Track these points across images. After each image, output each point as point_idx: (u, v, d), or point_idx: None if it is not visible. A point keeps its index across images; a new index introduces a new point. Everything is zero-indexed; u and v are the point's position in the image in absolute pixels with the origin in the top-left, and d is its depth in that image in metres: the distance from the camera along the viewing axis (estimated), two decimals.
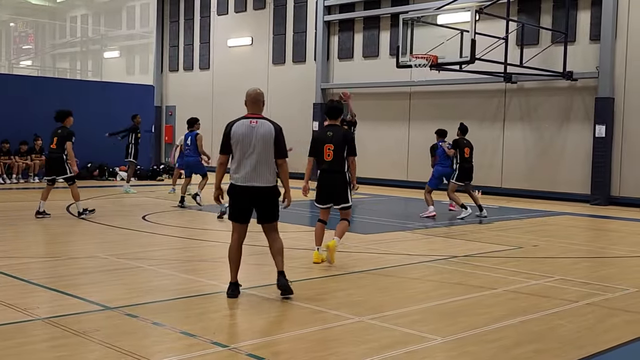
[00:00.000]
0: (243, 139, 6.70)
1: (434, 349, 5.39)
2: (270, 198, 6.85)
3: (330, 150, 8.56)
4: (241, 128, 6.73)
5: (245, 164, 6.70)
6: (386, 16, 22.80)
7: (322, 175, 8.71)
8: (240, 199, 6.79)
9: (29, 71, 44.65)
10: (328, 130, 8.68)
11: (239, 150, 6.72)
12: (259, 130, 6.72)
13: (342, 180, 8.66)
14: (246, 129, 6.72)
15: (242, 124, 6.76)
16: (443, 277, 8.25)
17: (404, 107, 22.32)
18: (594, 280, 8.29)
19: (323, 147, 8.59)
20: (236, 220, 6.87)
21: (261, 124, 6.76)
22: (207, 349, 5.18)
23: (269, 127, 6.76)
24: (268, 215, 6.88)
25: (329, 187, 8.68)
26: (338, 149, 8.55)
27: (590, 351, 5.44)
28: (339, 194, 8.67)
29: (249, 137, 6.68)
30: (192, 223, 12.49)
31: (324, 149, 8.58)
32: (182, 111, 30.67)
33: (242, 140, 6.70)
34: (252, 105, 6.88)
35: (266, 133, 6.72)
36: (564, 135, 19.06)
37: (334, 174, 8.62)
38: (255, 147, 6.68)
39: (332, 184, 8.66)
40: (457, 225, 13.29)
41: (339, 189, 8.65)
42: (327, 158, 8.58)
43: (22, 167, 20.50)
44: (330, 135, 8.59)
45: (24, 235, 10.91)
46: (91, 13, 43.17)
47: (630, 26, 17.80)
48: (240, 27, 27.93)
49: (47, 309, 6.18)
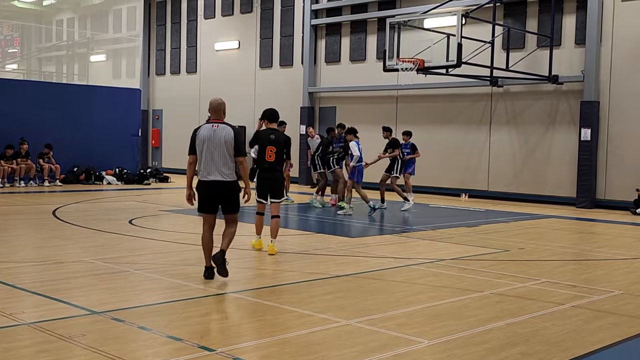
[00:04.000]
0: (206, 140, 7.71)
1: (421, 352, 5.40)
2: (231, 192, 7.82)
3: (272, 152, 9.67)
4: (205, 131, 7.77)
5: (209, 162, 7.70)
6: (373, 20, 22.88)
7: (262, 173, 9.78)
8: (206, 192, 7.78)
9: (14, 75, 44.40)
10: (271, 133, 9.77)
11: (204, 150, 7.71)
12: (219, 133, 7.72)
13: (280, 179, 9.91)
14: (208, 132, 7.74)
15: (205, 128, 7.81)
16: (429, 280, 8.27)
17: (391, 110, 22.37)
18: (580, 282, 8.33)
19: (265, 148, 9.64)
20: (204, 211, 7.88)
21: (222, 128, 7.75)
22: (194, 353, 5.17)
23: (229, 130, 7.76)
24: (230, 208, 7.90)
25: (269, 181, 9.80)
26: (279, 151, 9.70)
27: (576, 353, 5.47)
28: (276, 189, 9.84)
29: (211, 139, 7.69)
30: (178, 227, 12.46)
31: (267, 150, 9.63)
32: (169, 115, 30.63)
33: (205, 142, 7.71)
34: (214, 112, 7.92)
35: (226, 135, 7.71)
36: (549, 139, 19.17)
37: (273, 172, 9.75)
38: (216, 147, 7.67)
39: (272, 178, 9.79)
40: (443, 228, 13.33)
41: (277, 186, 9.86)
42: (269, 159, 9.66)
43: (8, 171, 20.35)
44: (272, 138, 9.68)
45: (10, 240, 10.83)
46: (77, 16, 42.99)
47: (615, 30, 17.95)
48: (227, 30, 27.91)
49: (33, 314, 6.14)
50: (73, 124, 22.68)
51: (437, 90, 21.12)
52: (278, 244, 9.84)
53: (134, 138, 25.03)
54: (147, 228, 12.16)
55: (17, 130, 20.79)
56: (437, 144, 20.79)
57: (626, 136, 17.82)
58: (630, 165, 17.71)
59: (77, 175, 22.35)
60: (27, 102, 21.57)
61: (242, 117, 26.39)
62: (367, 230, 12.69)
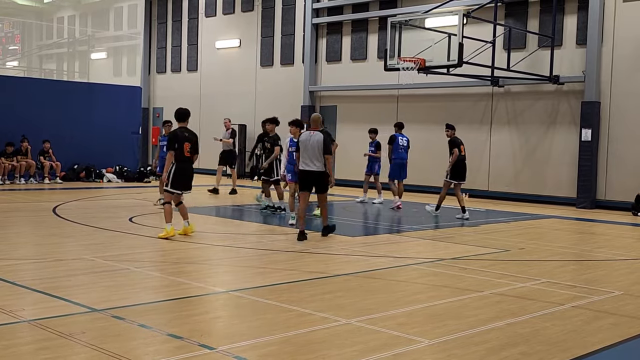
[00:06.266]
0: (306, 142, 11.07)
1: (421, 351, 5.39)
2: (321, 178, 11.12)
3: (187, 149, 11.06)
4: (305, 136, 11.21)
5: (307, 157, 11.04)
6: (374, 19, 22.87)
7: (182, 165, 11.01)
8: (305, 178, 11.09)
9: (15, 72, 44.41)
10: (185, 131, 11.13)
11: (304, 149, 11.06)
12: (314, 137, 11.06)
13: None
14: (307, 136, 11.14)
15: (306, 134, 11.25)
16: (430, 280, 8.27)
17: (392, 110, 22.37)
18: (580, 283, 8.33)
19: (183, 144, 10.97)
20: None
21: (316, 134, 11.09)
22: (194, 351, 5.17)
23: (320, 136, 11.05)
24: (321, 188, 11.19)
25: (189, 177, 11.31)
26: (194, 146, 11.12)
27: (577, 353, 5.47)
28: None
29: (309, 141, 11.05)
30: (178, 225, 12.45)
31: (184, 146, 10.98)
32: (170, 113, 30.53)
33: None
34: (313, 123, 11.30)
35: (318, 139, 11.03)
36: (550, 139, 19.17)
37: (191, 165, 11.28)
38: (312, 147, 11.00)
39: (191, 175, 11.27)
40: (443, 228, 13.33)
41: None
42: (187, 154, 11.02)
43: (9, 168, 20.35)
44: (187, 136, 11.09)
45: (10, 237, 10.83)
46: (78, 14, 42.99)
47: (616, 31, 17.94)
48: (228, 29, 27.90)
49: (33, 311, 6.14)
50: (73, 122, 22.67)
51: (438, 89, 21.12)
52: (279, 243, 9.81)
53: (135, 136, 25.02)
54: (148, 226, 12.16)
55: (18, 127, 20.78)
56: (438, 143, 20.76)
57: (627, 137, 17.82)
58: (631, 166, 17.70)
59: (78, 172, 22.35)
60: (27, 100, 21.55)
61: (243, 116, 26.40)
62: (367, 229, 12.68)
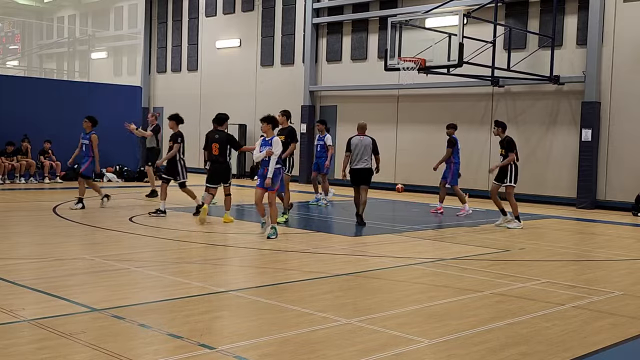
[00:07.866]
0: (357, 144, 13.02)
1: (421, 351, 5.40)
2: (369, 174, 13.19)
3: (217, 148, 12.66)
4: (356, 140, 13.13)
5: (357, 157, 13.06)
6: (374, 19, 22.87)
7: (212, 164, 12.87)
8: (355, 174, 13.13)
9: (15, 71, 44.42)
10: (216, 133, 12.80)
11: (355, 150, 13.04)
12: (364, 141, 13.03)
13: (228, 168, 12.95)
14: (358, 140, 13.11)
15: (356, 138, 13.15)
16: (430, 280, 8.27)
17: (392, 110, 22.38)
18: (580, 283, 8.33)
19: (211, 145, 12.71)
20: (355, 184, 13.27)
21: (365, 138, 13.10)
22: (194, 351, 5.17)
23: (369, 140, 13.10)
24: (367, 182, 13.19)
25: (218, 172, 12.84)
26: (223, 146, 12.69)
27: (577, 354, 5.47)
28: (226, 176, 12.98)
29: (360, 144, 13.06)
30: (179, 225, 12.45)
31: (212, 147, 12.68)
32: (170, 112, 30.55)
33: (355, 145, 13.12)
34: (360, 129, 13.24)
35: (367, 142, 13.00)
36: (550, 139, 19.17)
37: (221, 164, 12.80)
38: (362, 148, 12.98)
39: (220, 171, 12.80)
40: (444, 227, 13.33)
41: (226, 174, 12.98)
42: (215, 153, 12.62)
43: (9, 168, 20.35)
44: (216, 137, 12.71)
45: (10, 237, 10.83)
46: (79, 13, 43.02)
47: (616, 31, 17.94)
48: (228, 28, 27.90)
49: (33, 311, 6.14)
50: (73, 121, 22.63)
51: (438, 89, 21.11)
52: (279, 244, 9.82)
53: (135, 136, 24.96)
54: (148, 226, 12.16)
55: (18, 127, 20.77)
56: (438, 143, 20.75)
57: (627, 137, 17.82)
58: (631, 166, 17.70)
59: (78, 172, 22.31)
60: (27, 99, 21.54)
61: (243, 116, 26.39)
62: (367, 229, 12.68)
